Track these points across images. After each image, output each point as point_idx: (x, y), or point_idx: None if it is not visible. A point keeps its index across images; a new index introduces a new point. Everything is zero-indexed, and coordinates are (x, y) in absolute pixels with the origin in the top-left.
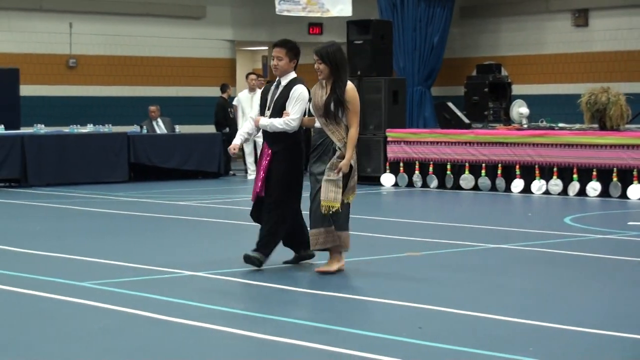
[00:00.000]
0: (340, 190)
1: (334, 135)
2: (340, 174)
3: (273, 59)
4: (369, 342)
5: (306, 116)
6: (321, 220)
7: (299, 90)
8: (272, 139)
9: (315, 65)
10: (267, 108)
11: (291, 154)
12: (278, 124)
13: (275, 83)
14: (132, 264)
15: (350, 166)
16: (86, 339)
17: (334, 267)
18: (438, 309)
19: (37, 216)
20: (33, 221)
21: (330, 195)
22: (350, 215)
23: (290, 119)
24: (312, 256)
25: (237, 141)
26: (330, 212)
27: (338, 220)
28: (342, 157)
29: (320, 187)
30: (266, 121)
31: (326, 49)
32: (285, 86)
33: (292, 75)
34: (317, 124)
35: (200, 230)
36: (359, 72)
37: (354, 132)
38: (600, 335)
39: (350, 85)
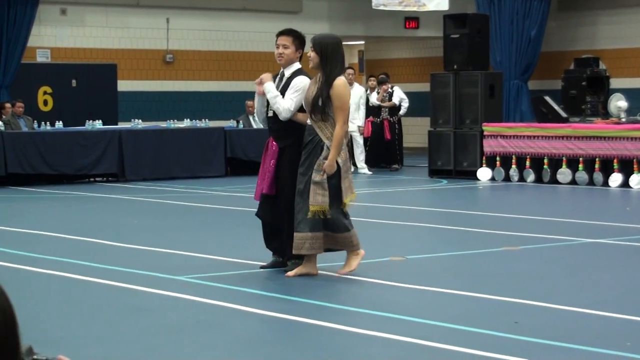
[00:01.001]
0: (327, 192)
1: (323, 133)
2: (325, 176)
3: (278, 47)
4: (464, 336)
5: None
6: (310, 224)
7: (300, 80)
8: (279, 133)
9: (309, 53)
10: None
11: (300, 150)
12: (278, 101)
13: (279, 75)
14: (229, 258)
15: (338, 167)
16: (184, 333)
17: (354, 264)
18: (534, 304)
19: (134, 211)
20: (130, 216)
21: (318, 199)
22: (449, 210)
23: (284, 106)
24: (286, 264)
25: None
26: (319, 216)
27: (336, 224)
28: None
29: (306, 189)
30: (271, 88)
31: (321, 38)
32: (289, 77)
33: (297, 66)
34: (309, 121)
35: None
36: (455, 67)
37: (338, 129)
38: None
39: (340, 80)
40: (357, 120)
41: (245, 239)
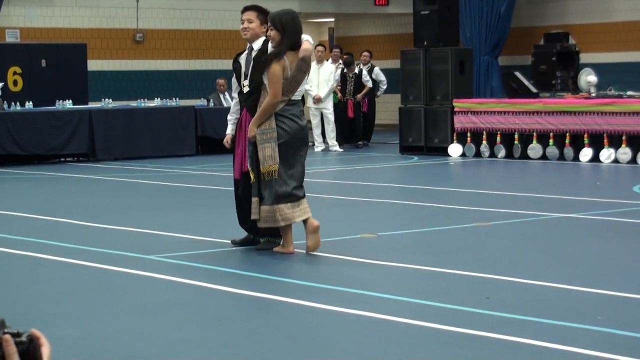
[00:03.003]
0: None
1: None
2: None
3: (243, 22)
4: (435, 312)
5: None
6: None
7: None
8: (255, 110)
9: (268, 32)
10: (244, 78)
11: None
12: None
13: (247, 49)
14: (202, 237)
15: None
16: (157, 312)
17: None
18: (506, 279)
19: (105, 190)
20: (101, 195)
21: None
22: (420, 187)
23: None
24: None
25: (230, 131)
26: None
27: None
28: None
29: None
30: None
31: (280, 16)
32: (259, 50)
33: (262, 39)
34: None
35: None
36: (425, 43)
37: (267, 99)
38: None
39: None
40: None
41: (218, 218)
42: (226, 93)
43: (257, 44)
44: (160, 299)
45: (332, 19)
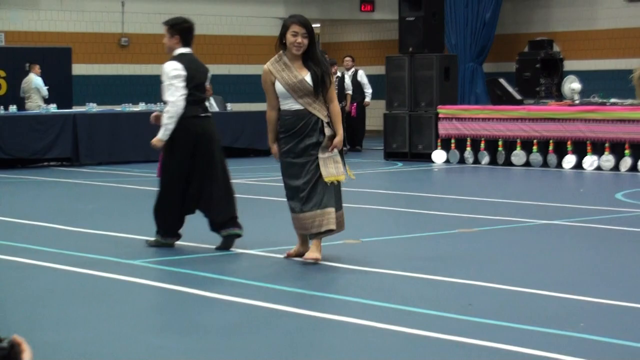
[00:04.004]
0: (339, 164)
1: (320, 113)
2: (335, 151)
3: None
4: (418, 319)
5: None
6: (327, 200)
7: (167, 67)
8: None
9: (299, 39)
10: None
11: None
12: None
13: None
14: (183, 242)
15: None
16: (139, 318)
17: (318, 253)
18: (489, 286)
19: (89, 195)
20: (85, 200)
21: (332, 171)
22: (404, 193)
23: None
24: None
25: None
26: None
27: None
28: (331, 136)
29: (313, 168)
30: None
31: (306, 19)
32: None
33: (178, 51)
34: (285, 106)
35: (252, 208)
36: (410, 49)
37: (338, 106)
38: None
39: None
40: None
41: (200, 223)
42: (211, 98)
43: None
44: (143, 304)
45: (318, 25)
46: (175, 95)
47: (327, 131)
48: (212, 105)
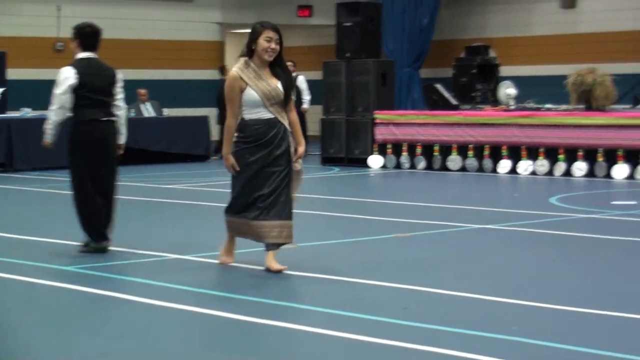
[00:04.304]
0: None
1: (286, 122)
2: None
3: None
4: (353, 323)
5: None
6: (287, 212)
7: (59, 72)
8: None
9: (273, 45)
10: None
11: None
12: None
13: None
14: (118, 247)
15: None
16: (71, 323)
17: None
18: (424, 290)
19: (22, 200)
20: (19, 206)
21: (298, 187)
22: (341, 198)
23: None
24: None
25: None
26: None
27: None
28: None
29: (280, 178)
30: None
31: (276, 25)
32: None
33: (78, 56)
34: (254, 115)
35: (188, 214)
36: (348, 55)
37: (297, 116)
38: (585, 314)
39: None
40: None
41: (135, 228)
42: (147, 103)
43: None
44: (75, 311)
45: None
46: (54, 101)
47: (291, 141)
48: (149, 109)
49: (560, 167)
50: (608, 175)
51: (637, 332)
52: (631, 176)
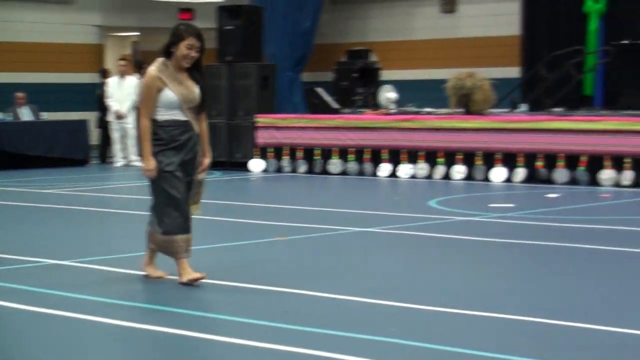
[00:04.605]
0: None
1: (197, 128)
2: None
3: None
4: (234, 327)
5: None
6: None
7: None
8: None
9: (193, 54)
10: None
11: None
12: None
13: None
14: (4, 254)
15: None
16: None
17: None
18: (303, 293)
19: None
20: None
21: (200, 198)
22: (221, 202)
23: None
24: None
25: None
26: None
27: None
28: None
29: (185, 188)
30: None
31: (201, 32)
32: None
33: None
34: (168, 116)
35: (66, 218)
36: (229, 58)
37: (206, 124)
38: (463, 315)
39: None
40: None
41: (13, 234)
42: (25, 107)
43: None
44: None
45: (137, 33)
46: None
47: (200, 148)
48: (26, 114)
49: (440, 170)
50: (486, 179)
51: (509, 331)
52: (509, 179)
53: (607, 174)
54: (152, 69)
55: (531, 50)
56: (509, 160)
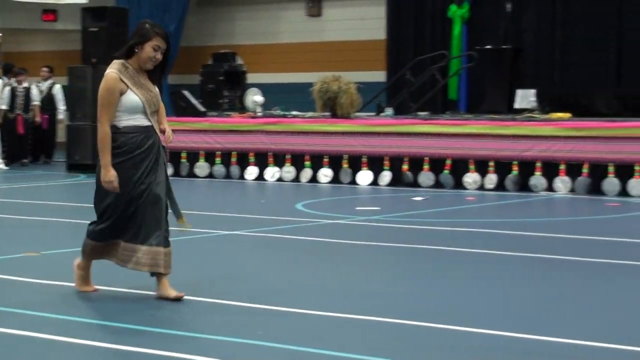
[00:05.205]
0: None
1: (158, 132)
2: None
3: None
4: (80, 328)
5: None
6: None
7: None
8: None
9: (158, 56)
10: None
11: None
12: None
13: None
14: None
15: None
16: None
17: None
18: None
19: None
20: None
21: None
22: (83, 205)
23: None
24: None
25: None
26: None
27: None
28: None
29: (163, 199)
30: None
31: (167, 33)
32: None
33: None
34: (131, 122)
35: None
36: (93, 60)
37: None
38: (327, 317)
39: None
40: None
41: None
42: None
43: None
44: None
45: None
46: None
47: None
48: None
49: (307, 173)
50: (353, 182)
51: (371, 333)
52: (375, 182)
53: (471, 177)
54: (112, 71)
55: (396, 54)
56: (375, 163)
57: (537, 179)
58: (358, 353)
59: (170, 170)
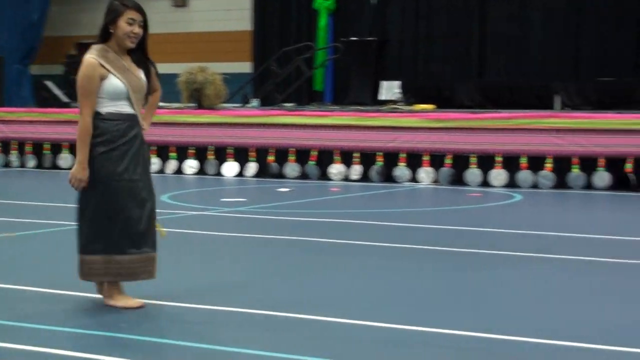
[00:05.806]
0: None
1: (143, 124)
2: None
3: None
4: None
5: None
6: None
7: None
8: None
9: (136, 29)
10: None
11: None
12: None
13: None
14: None
15: None
16: None
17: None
18: (31, 289)
19: None
20: None
21: None
22: None
23: None
24: None
25: None
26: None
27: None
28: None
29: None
30: None
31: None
32: None
33: None
34: (113, 108)
35: None
36: None
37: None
38: (202, 310)
39: None
40: None
41: None
42: None
43: None
44: None
45: None
46: None
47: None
48: None
49: (172, 165)
50: (218, 173)
51: (244, 325)
52: (241, 173)
53: (336, 169)
54: (90, 57)
55: (262, 45)
56: (241, 154)
57: (401, 170)
58: (229, 346)
59: (33, 162)
